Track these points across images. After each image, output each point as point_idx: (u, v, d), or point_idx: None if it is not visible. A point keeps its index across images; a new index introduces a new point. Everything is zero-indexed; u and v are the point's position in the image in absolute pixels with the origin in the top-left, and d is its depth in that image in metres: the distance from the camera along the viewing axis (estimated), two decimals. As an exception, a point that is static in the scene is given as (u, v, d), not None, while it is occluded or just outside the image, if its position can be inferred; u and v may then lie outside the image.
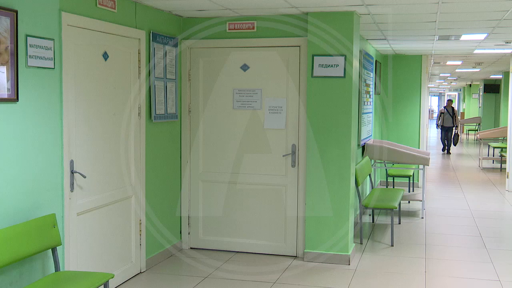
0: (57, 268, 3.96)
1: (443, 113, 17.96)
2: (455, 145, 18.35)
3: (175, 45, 5.89)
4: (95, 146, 4.63)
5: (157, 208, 5.69)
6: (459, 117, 18.93)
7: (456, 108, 20.17)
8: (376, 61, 9.48)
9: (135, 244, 5.30)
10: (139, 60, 5.24)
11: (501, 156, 13.74)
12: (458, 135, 18.32)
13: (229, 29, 5.98)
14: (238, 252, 6.11)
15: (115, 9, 4.78)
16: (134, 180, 5.23)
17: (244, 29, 5.93)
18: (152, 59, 5.41)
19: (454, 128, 17.89)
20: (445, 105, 18.34)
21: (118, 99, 4.94)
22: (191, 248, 6.28)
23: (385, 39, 8.05)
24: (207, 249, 6.22)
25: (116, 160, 4.96)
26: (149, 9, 5.38)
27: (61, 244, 4.03)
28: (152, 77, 5.42)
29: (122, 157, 5.04)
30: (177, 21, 5.98)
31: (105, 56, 4.73)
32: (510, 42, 8.38)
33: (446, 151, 18.07)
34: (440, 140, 19.05)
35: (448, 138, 18.01)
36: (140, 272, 5.39)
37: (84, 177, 4.40)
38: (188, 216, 6.26)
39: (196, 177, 6.21)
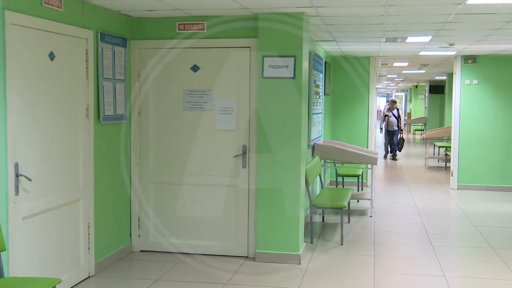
0: (1, 274, 3.84)
1: (387, 115, 16.30)
2: (399, 150, 16.67)
3: (124, 46, 5.81)
4: (41, 148, 4.52)
5: (106, 211, 5.60)
6: (405, 118, 17.87)
7: (401, 110, 17.77)
8: (325, 62, 9.60)
9: (84, 248, 5.19)
10: (86, 61, 5.14)
11: (446, 155, 14.15)
12: (404, 140, 16.72)
13: (179, 30, 5.93)
14: (189, 253, 6.07)
15: (61, 8, 4.68)
16: (82, 182, 5.13)
17: (194, 29, 5.90)
18: (101, 60, 5.32)
19: (399, 131, 16.30)
20: (389, 107, 16.63)
21: (65, 100, 4.83)
22: (141, 251, 6.20)
23: (334, 40, 8.17)
24: (158, 252, 6.15)
25: (64, 162, 4.85)
26: (97, 8, 5.29)
27: (5, 250, 3.90)
28: (101, 78, 5.33)
29: (69, 159, 4.93)
30: (126, 21, 5.90)
31: (51, 56, 4.62)
32: (453, 45, 8.64)
33: (392, 157, 16.36)
34: (383, 145, 17.08)
35: (393, 143, 16.29)
36: (89, 276, 5.29)
37: (30, 180, 4.28)
38: (138, 219, 6.18)
39: (146, 179, 6.14)
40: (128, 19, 5.93)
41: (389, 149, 16.51)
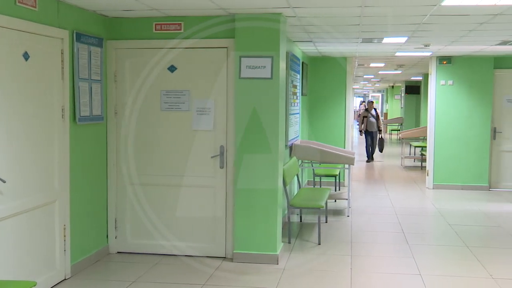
0: (-25, 277, 3.78)
1: (365, 116, 15.83)
2: (381, 151, 16.28)
3: (100, 46, 5.76)
4: (15, 149, 4.45)
5: (82, 212, 5.54)
6: (382, 118, 16.38)
7: (379, 110, 17.39)
8: (302, 62, 9.64)
9: (60, 250, 5.14)
10: (62, 61, 5.08)
11: (422, 155, 14.30)
12: (383, 140, 16.37)
13: (155, 30, 5.90)
14: (167, 255, 6.04)
15: (36, 7, 4.62)
16: (58, 184, 5.07)
17: (171, 29, 5.88)
18: (76, 60, 5.26)
19: (378, 132, 15.87)
20: (367, 107, 16.14)
21: (40, 100, 4.77)
22: (118, 252, 6.16)
23: (311, 41, 8.20)
24: (135, 253, 6.11)
25: (39, 163, 4.79)
26: (72, 8, 5.23)
27: (-21, 253, 3.85)
28: (76, 78, 5.28)
29: (44, 161, 4.87)
30: (102, 21, 5.84)
31: (26, 56, 4.56)
32: (428, 45, 8.74)
33: (370, 158, 15.89)
34: (365, 148, 16.33)
35: (373, 144, 15.85)
36: (65, 279, 5.23)
37: (4, 182, 4.22)
38: (115, 220, 6.13)
39: (123, 180, 6.10)
40: (104, 19, 5.88)
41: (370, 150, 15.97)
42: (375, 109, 15.98)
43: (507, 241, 6.88)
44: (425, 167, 11.43)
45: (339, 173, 9.98)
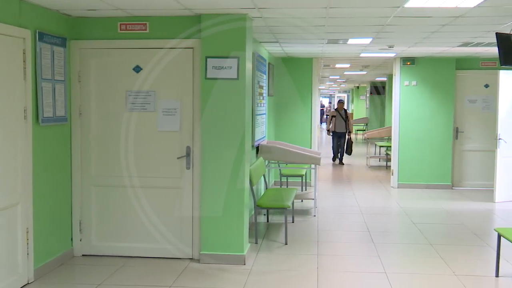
0: None
1: (334, 116, 15.30)
2: (349, 153, 15.68)
3: (64, 45, 5.67)
4: (-24, 151, 4.36)
5: (46, 215, 5.45)
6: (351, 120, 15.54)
7: (348, 111, 16.54)
8: (269, 63, 9.67)
9: (22, 253, 5.04)
10: (24, 61, 4.98)
11: (387, 154, 14.49)
12: (352, 142, 15.64)
13: (120, 30, 5.85)
14: (133, 257, 5.99)
15: (-4, 6, 4.53)
16: (20, 186, 4.97)
17: (136, 30, 5.83)
18: (39, 60, 5.17)
19: (347, 133, 15.33)
20: (336, 107, 15.65)
21: (1, 101, 4.67)
22: (83, 255, 6.07)
23: (277, 42, 8.24)
24: (101, 256, 6.04)
25: (0, 165, 4.68)
26: (35, 7, 5.14)
27: None
28: (39, 78, 5.19)
29: (6, 163, 4.77)
30: (65, 20, 5.76)
31: (-14, 55, 4.46)
32: (393, 47, 8.87)
33: (339, 161, 15.46)
34: (332, 148, 16.05)
35: (341, 145, 15.34)
36: (28, 283, 5.13)
37: (-36, 184, 4.13)
38: (80, 222, 6.05)
39: (88, 182, 6.02)
40: (68, 18, 5.80)
41: (338, 151, 15.52)
42: (345, 109, 15.42)
43: (469, 238, 7.03)
44: (390, 166, 11.59)
45: (306, 173, 10.04)
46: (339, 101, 15.94)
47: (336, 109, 15.46)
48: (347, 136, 15.35)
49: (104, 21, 5.84)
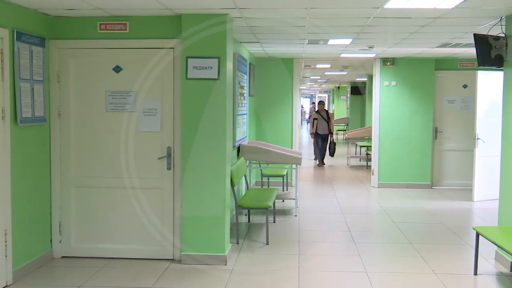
0: None
1: (316, 118, 14.83)
2: (332, 155, 15.16)
3: (43, 45, 5.61)
4: (-48, 152, 4.29)
5: (25, 216, 5.38)
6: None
7: (330, 112, 15.91)
8: (250, 63, 9.67)
9: (0, 256, 4.97)
10: (1, 60, 4.92)
11: (367, 154, 14.58)
12: (335, 143, 15.11)
13: (100, 30, 5.80)
14: (113, 258, 5.95)
15: (-27, 5, 4.47)
16: (-2, 187, 4.91)
17: (116, 29, 5.79)
18: (17, 60, 5.11)
19: (329, 135, 14.93)
20: (317, 109, 15.16)
21: (-22, 101, 4.62)
22: (63, 257, 6.01)
23: (258, 42, 8.24)
24: (81, 257, 5.99)
25: (-22, 167, 4.63)
26: (12, 6, 5.08)
27: None
28: (17, 79, 5.12)
29: (-16, 164, 4.71)
30: (44, 20, 5.70)
31: (-37, 55, 4.40)
32: (373, 47, 8.93)
33: (320, 162, 15.07)
34: (314, 151, 15.60)
35: (324, 147, 14.99)
36: (7, 286, 5.07)
37: None
38: (60, 224, 5.99)
39: (67, 183, 5.96)
40: (46, 18, 5.74)
41: (321, 153, 15.07)
42: (326, 110, 15.01)
43: (448, 237, 7.11)
44: (371, 166, 11.67)
45: (287, 173, 10.06)
46: (319, 102, 15.45)
47: (317, 111, 15.05)
48: (330, 138, 14.97)
49: (84, 21, 5.79)
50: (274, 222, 7.84)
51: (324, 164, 15.10)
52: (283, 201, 9.42)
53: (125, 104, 5.87)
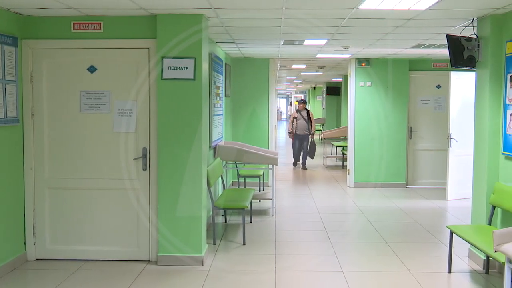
0: None
1: (295, 117, 14.12)
2: (312, 157, 14.43)
3: (15, 45, 5.53)
4: None
5: (-3, 218, 5.31)
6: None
7: (311, 111, 15.18)
8: (225, 64, 9.66)
9: (-27, 259, 4.90)
10: (-27, 60, 4.85)
11: (343, 154, 14.66)
12: (315, 145, 14.35)
13: (74, 29, 5.74)
14: (89, 260, 5.89)
15: None
16: (-30, 189, 4.83)
17: (90, 29, 5.73)
18: (-11, 59, 5.04)
19: (309, 136, 14.15)
20: (297, 108, 14.32)
21: (-51, 102, 4.53)
22: (37, 259, 5.94)
23: (234, 42, 8.24)
24: (55, 259, 5.91)
25: (-52, 168, 4.55)
26: (-16, 5, 5.00)
27: None
28: (-11, 79, 5.05)
29: (-45, 165, 4.63)
30: (16, 19, 5.62)
31: None
32: (348, 48, 8.99)
33: (301, 165, 14.41)
34: (292, 152, 14.77)
35: (304, 149, 14.25)
36: (-21, 289, 5.00)
37: None
38: (33, 226, 5.91)
39: (41, 184, 5.89)
40: (19, 17, 5.66)
41: (300, 154, 14.44)
42: (307, 110, 14.24)
43: (422, 236, 7.19)
44: (346, 166, 11.73)
45: (263, 174, 10.07)
46: (300, 100, 14.53)
47: (297, 110, 14.26)
48: (310, 139, 14.20)
49: (57, 20, 5.73)
50: (250, 222, 7.84)
51: (306, 168, 14.28)
52: (259, 201, 9.43)
53: (99, 105, 5.81)
